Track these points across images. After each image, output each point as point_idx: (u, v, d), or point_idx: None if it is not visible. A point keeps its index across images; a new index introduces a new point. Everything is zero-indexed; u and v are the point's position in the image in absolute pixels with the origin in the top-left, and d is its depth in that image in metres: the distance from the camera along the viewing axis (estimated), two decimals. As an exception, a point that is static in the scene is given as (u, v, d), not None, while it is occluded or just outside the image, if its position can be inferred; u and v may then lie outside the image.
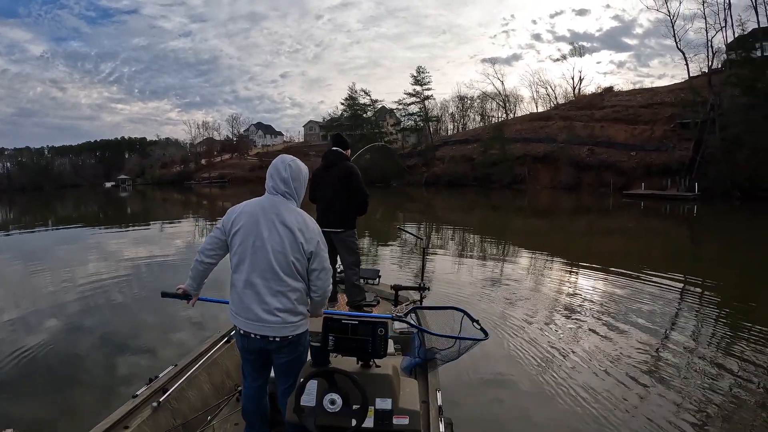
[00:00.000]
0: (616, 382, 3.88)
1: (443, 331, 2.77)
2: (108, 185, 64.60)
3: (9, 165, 66.62)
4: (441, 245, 12.09)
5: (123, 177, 66.97)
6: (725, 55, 30.55)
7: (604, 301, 6.38)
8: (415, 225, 16.48)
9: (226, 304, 2.20)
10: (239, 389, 2.68)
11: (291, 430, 1.95)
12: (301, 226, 2.01)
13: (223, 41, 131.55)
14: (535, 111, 48.59)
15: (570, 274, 8.56)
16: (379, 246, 11.81)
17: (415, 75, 48.27)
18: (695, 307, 6.30)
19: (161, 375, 2.63)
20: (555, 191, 33.43)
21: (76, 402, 3.71)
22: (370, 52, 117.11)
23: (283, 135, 79.43)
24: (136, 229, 17.79)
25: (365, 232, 13.03)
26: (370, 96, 51.87)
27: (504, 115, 48.91)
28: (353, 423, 1.85)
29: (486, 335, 2.50)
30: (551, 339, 4.90)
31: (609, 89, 43.65)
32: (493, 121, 48.92)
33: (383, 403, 1.94)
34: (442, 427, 2.17)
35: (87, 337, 5.23)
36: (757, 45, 27.77)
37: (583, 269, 8.80)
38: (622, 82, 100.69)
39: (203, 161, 66.96)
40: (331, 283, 2.34)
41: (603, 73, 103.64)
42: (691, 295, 7.00)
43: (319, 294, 2.08)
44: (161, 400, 2.41)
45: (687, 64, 32.30)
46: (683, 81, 34.98)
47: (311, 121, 72.19)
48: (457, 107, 56.16)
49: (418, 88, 48.48)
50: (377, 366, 2.08)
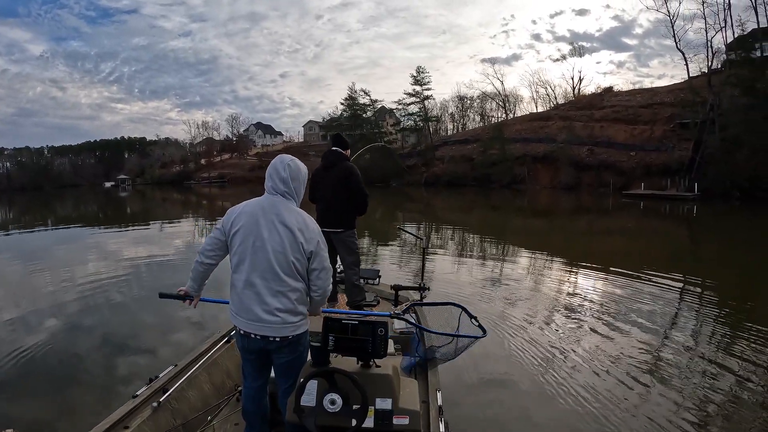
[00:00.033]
0: (616, 381, 3.88)
1: (442, 330, 2.77)
2: (107, 185, 64.51)
3: (9, 165, 66.41)
4: (441, 245, 12.09)
5: (123, 177, 66.84)
6: (725, 56, 30.55)
7: (604, 301, 6.38)
8: (415, 225, 16.47)
9: (226, 304, 2.19)
10: (239, 389, 2.68)
11: (291, 430, 1.95)
12: (301, 225, 2.01)
13: (223, 41, 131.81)
14: (535, 111, 48.62)
15: (570, 274, 8.56)
16: (379, 246, 11.81)
17: (415, 75, 48.29)
18: (695, 307, 6.31)
19: (161, 375, 2.62)
20: (554, 191, 33.44)
21: (76, 402, 3.70)
22: (369, 52, 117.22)
23: (283, 135, 79.44)
24: (135, 229, 17.78)
25: (365, 232, 13.02)
26: (369, 96, 51.89)
27: (504, 115, 48.93)
28: (353, 423, 1.85)
29: (484, 332, 2.51)
30: (551, 339, 4.90)
31: (609, 89, 43.66)
32: (493, 121, 48.91)
33: (383, 403, 1.94)
34: (442, 427, 2.17)
35: (87, 337, 5.23)
36: (757, 45, 27.80)
37: (583, 269, 8.80)
38: (621, 82, 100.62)
39: (203, 161, 66.92)
40: (331, 283, 2.34)
41: (603, 73, 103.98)
42: (691, 295, 7.01)
43: (320, 294, 2.08)
44: (161, 400, 2.41)
45: (687, 64, 32.35)
46: (683, 81, 34.97)
47: (311, 121, 72.19)
48: (457, 107, 56.26)
49: (417, 88, 48.49)
50: (377, 366, 2.08)
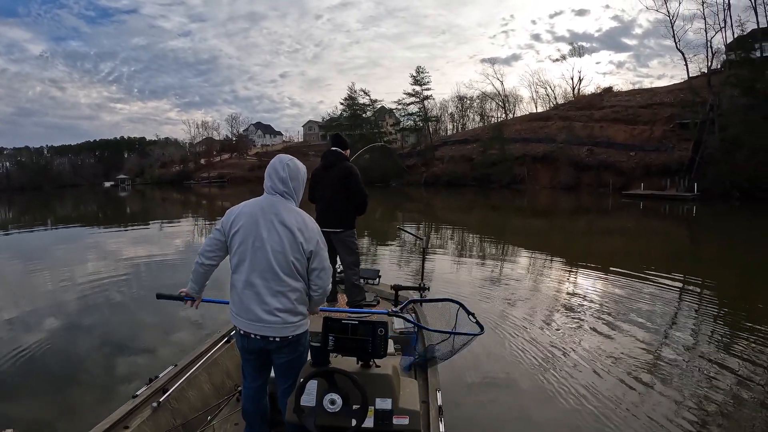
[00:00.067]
0: (616, 381, 3.88)
1: (441, 328, 2.78)
2: (107, 185, 64.45)
3: (8, 164, 66.31)
4: (440, 245, 12.09)
5: (122, 177, 66.78)
6: (724, 56, 30.60)
7: (603, 301, 6.38)
8: (415, 225, 16.47)
9: (226, 304, 2.19)
10: (239, 389, 2.68)
11: (291, 430, 1.95)
12: (301, 225, 2.01)
13: (223, 41, 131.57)
14: (535, 111, 48.71)
15: (569, 274, 8.56)
16: (379, 246, 11.80)
17: (415, 75, 48.30)
18: (695, 307, 6.31)
19: (161, 375, 2.62)
20: (554, 191, 33.45)
21: (76, 402, 3.70)
22: (369, 52, 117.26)
23: (283, 135, 79.51)
24: (135, 229, 17.77)
25: (365, 232, 13.02)
26: (369, 96, 51.93)
27: (503, 115, 49.03)
28: (353, 423, 1.85)
29: (482, 329, 2.52)
30: (551, 338, 4.90)
31: (608, 89, 43.73)
32: (493, 121, 48.99)
33: (383, 403, 1.94)
34: (442, 427, 2.17)
35: (87, 337, 5.22)
36: (757, 45, 27.83)
37: (583, 269, 8.81)
38: (621, 82, 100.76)
39: (202, 161, 66.90)
40: (331, 282, 2.34)
41: (602, 74, 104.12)
42: (691, 295, 7.01)
43: (319, 293, 2.08)
44: (161, 400, 2.41)
45: (686, 64, 32.40)
46: (683, 81, 35.01)
47: (310, 121, 72.26)
48: (457, 107, 56.37)
49: (417, 88, 48.51)
50: (377, 366, 2.08)
